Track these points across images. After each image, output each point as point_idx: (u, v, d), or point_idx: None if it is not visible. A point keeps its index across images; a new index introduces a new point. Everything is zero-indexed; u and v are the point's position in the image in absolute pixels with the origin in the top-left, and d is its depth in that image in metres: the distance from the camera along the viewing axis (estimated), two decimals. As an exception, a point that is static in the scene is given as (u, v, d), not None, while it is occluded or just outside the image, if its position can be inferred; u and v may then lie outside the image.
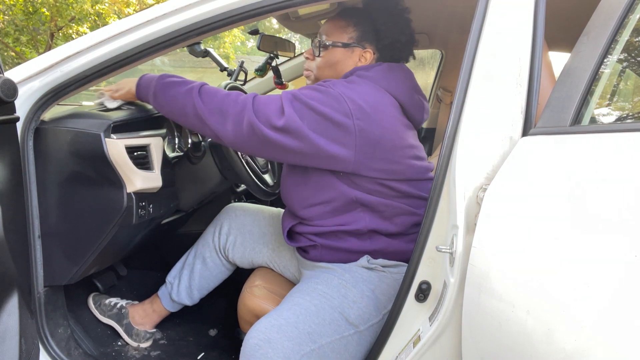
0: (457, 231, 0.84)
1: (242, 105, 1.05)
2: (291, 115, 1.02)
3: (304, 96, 1.05)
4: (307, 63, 1.27)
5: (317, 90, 1.07)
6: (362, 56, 1.21)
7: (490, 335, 0.75)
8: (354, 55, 1.21)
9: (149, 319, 1.51)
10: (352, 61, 1.21)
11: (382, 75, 1.14)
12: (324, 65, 1.23)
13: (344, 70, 1.21)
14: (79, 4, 9.35)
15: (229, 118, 1.06)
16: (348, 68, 1.21)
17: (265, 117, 1.03)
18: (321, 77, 1.24)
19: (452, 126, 0.92)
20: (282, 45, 2.07)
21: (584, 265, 0.61)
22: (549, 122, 0.81)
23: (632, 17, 0.77)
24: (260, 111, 1.04)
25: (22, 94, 1.05)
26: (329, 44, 1.21)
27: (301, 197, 1.17)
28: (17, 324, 0.96)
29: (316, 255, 1.20)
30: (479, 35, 0.91)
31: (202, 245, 1.48)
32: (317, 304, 1.06)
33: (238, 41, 18.75)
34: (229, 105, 1.06)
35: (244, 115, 1.04)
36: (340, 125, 1.03)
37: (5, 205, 0.98)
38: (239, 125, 1.05)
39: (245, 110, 1.04)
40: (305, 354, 1.00)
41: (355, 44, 1.20)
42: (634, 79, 0.94)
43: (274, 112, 1.03)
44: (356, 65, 1.21)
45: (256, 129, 1.03)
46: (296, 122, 1.02)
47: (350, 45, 1.20)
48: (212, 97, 1.09)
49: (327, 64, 1.23)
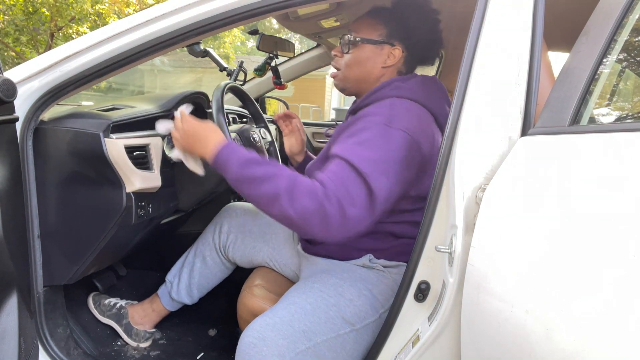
0: (456, 231, 0.84)
1: (338, 204, 0.95)
2: (380, 189, 0.97)
3: (377, 160, 0.98)
4: (335, 61, 1.24)
5: (379, 139, 1.01)
6: (391, 53, 1.18)
7: (489, 335, 0.75)
8: (383, 52, 1.19)
9: (149, 318, 1.52)
10: (381, 59, 1.19)
11: (418, 88, 1.14)
12: (353, 63, 1.20)
13: (373, 68, 1.19)
14: (79, 4, 9.36)
15: (329, 220, 0.95)
16: (377, 66, 1.19)
17: (361, 203, 0.96)
18: (349, 76, 1.22)
19: (451, 126, 0.92)
20: (281, 45, 2.07)
21: (584, 265, 0.61)
22: (548, 122, 0.81)
23: (631, 17, 0.77)
24: (355, 202, 0.95)
25: (21, 94, 1.05)
26: (358, 40, 1.19)
27: None
28: (16, 323, 0.96)
29: (321, 249, 1.21)
30: (478, 35, 0.91)
31: (202, 244, 1.48)
32: (312, 302, 1.06)
33: (238, 41, 18.75)
34: (325, 206, 0.95)
35: (344, 212, 0.95)
36: (414, 158, 1.03)
37: (4, 205, 0.98)
38: (342, 221, 0.96)
39: (342, 206, 0.95)
40: (300, 352, 1.00)
41: (384, 41, 1.18)
42: (633, 78, 0.94)
43: (366, 197, 0.96)
44: (384, 64, 1.19)
45: (359, 218, 0.96)
46: (385, 189, 0.98)
47: (379, 43, 1.18)
48: (303, 201, 0.95)
49: (355, 61, 1.20)
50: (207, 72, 14.52)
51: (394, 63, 1.19)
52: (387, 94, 1.13)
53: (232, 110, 1.95)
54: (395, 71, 1.21)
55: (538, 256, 0.68)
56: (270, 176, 0.98)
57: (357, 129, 1.05)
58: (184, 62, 15.19)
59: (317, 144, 2.77)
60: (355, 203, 0.95)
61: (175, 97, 1.44)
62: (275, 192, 0.96)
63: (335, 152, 1.02)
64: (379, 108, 1.09)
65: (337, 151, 1.02)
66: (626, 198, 0.59)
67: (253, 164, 1.01)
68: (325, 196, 0.94)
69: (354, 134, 1.05)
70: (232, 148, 1.05)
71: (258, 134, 1.67)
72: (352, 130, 1.06)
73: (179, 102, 1.44)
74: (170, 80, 15.96)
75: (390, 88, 1.14)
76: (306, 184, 0.97)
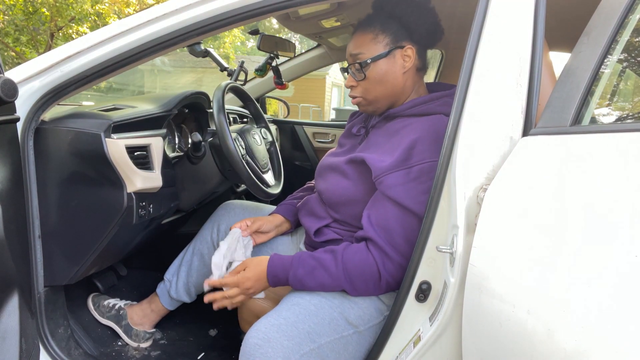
0: (458, 231, 0.84)
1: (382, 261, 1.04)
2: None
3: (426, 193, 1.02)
4: (352, 91, 1.19)
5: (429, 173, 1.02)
6: (405, 55, 1.14)
7: (490, 335, 0.75)
8: (397, 58, 1.14)
9: (148, 319, 1.51)
10: (399, 65, 1.14)
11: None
12: (373, 84, 1.15)
13: (395, 79, 1.14)
14: (79, 4, 9.36)
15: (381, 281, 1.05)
16: (397, 75, 1.14)
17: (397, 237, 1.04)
18: (376, 98, 1.17)
19: (452, 126, 0.92)
20: (282, 45, 2.07)
21: (585, 265, 0.61)
22: (550, 122, 0.81)
23: (633, 17, 0.77)
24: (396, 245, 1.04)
25: (22, 94, 1.05)
26: (369, 61, 1.13)
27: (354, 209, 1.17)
28: (17, 323, 0.96)
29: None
30: (479, 35, 0.91)
31: (200, 242, 1.47)
32: (316, 303, 1.06)
33: (238, 41, 18.76)
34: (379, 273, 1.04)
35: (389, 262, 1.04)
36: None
37: (5, 205, 0.98)
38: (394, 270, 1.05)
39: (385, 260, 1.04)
40: (304, 354, 1.00)
41: (393, 47, 1.13)
42: (634, 79, 0.94)
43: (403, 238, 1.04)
44: (404, 69, 1.14)
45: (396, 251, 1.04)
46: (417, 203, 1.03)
47: (389, 52, 1.13)
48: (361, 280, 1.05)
49: (375, 81, 1.14)
50: (208, 72, 14.52)
51: (412, 64, 1.15)
52: (435, 109, 1.11)
53: (233, 110, 1.95)
54: (415, 69, 1.17)
55: (539, 256, 0.68)
56: (313, 271, 1.07)
57: (417, 167, 1.04)
58: (185, 62, 15.19)
59: (317, 144, 2.77)
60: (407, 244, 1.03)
61: (175, 97, 1.44)
62: (335, 286, 1.07)
63: (396, 199, 1.03)
64: (433, 133, 1.05)
65: (399, 198, 1.03)
66: (628, 198, 0.59)
67: (298, 266, 1.09)
68: (382, 261, 1.04)
69: (414, 176, 1.03)
70: (274, 268, 1.11)
71: (259, 134, 1.67)
72: (412, 167, 1.04)
73: (179, 102, 1.44)
74: (170, 80, 15.96)
75: (439, 104, 1.11)
76: (363, 269, 1.05)
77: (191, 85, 15.16)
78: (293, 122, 2.81)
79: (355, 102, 1.20)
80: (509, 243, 0.74)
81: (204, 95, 1.65)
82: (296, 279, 1.08)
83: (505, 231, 0.75)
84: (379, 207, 1.06)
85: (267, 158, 1.64)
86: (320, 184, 1.25)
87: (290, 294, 1.13)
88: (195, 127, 1.73)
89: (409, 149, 1.04)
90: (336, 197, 1.17)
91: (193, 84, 15.38)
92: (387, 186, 1.03)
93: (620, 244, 0.58)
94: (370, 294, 1.08)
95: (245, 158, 1.46)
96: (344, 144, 1.31)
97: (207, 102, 1.69)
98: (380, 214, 1.05)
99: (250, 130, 1.59)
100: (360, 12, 1.79)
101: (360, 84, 1.17)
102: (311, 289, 1.08)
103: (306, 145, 2.77)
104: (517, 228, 0.74)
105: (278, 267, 1.10)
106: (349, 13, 1.80)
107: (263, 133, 1.73)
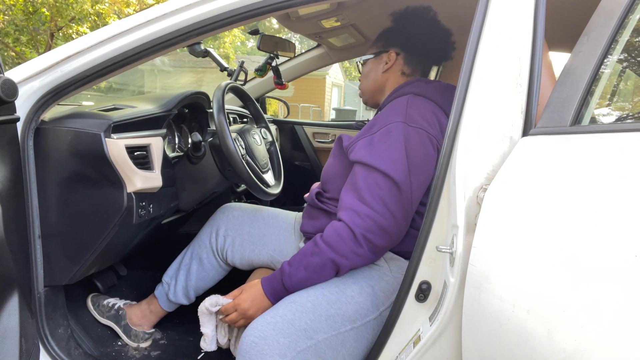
0: (458, 231, 0.84)
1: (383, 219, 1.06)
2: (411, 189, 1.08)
3: (402, 161, 1.08)
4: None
5: (399, 139, 1.09)
6: (388, 58, 1.32)
7: (490, 335, 0.75)
8: (381, 60, 1.34)
9: (147, 319, 1.51)
10: (380, 66, 1.34)
11: (437, 91, 1.20)
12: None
13: (376, 76, 1.35)
14: (79, 4, 9.36)
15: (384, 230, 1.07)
16: (378, 73, 1.35)
17: (396, 208, 1.07)
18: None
19: (452, 126, 0.92)
20: (282, 46, 2.07)
21: (585, 265, 0.61)
22: (549, 122, 0.81)
23: (632, 18, 0.77)
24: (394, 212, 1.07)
25: (22, 94, 1.05)
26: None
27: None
28: (17, 323, 0.96)
29: None
30: (479, 35, 0.91)
31: (199, 246, 1.47)
32: (313, 300, 1.06)
33: (238, 41, 18.76)
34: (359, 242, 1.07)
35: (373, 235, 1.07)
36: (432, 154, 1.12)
37: (5, 205, 0.98)
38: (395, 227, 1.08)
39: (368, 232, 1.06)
40: (301, 351, 1.00)
41: (379, 51, 1.34)
42: (634, 79, 0.94)
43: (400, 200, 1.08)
44: (383, 69, 1.33)
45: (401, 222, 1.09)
46: (417, 187, 1.10)
47: (376, 54, 1.35)
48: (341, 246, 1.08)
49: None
50: (208, 72, 14.53)
51: (391, 65, 1.32)
52: (407, 90, 1.21)
53: (232, 110, 1.95)
54: (399, 72, 1.33)
55: (539, 256, 0.68)
56: (309, 260, 1.09)
57: (380, 130, 1.13)
58: (185, 62, 15.19)
59: (317, 144, 2.77)
60: (394, 213, 1.07)
61: (175, 97, 1.44)
62: (325, 262, 1.08)
63: (361, 159, 1.10)
64: (397, 105, 1.16)
65: (363, 158, 1.10)
66: (628, 198, 0.59)
67: (290, 269, 1.11)
68: (362, 225, 1.06)
69: (377, 139, 1.12)
70: (268, 280, 1.14)
71: (259, 134, 1.67)
72: (375, 132, 1.14)
73: (179, 102, 1.44)
74: (170, 80, 15.96)
75: (412, 86, 1.22)
76: (338, 233, 1.08)
77: (191, 85, 15.17)
78: (293, 122, 2.81)
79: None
80: (508, 243, 0.74)
81: (204, 95, 1.65)
82: (291, 277, 1.10)
83: (505, 231, 0.75)
84: (350, 175, 1.14)
85: (267, 158, 1.64)
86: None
87: (289, 293, 1.13)
88: (195, 127, 1.73)
89: (374, 120, 1.17)
90: (325, 176, 1.29)
91: (193, 84, 15.39)
92: (353, 152, 1.14)
93: (620, 244, 0.58)
94: (360, 257, 1.07)
95: (245, 158, 1.46)
96: None
97: (207, 102, 1.69)
98: (350, 180, 1.14)
99: (250, 130, 1.59)
100: (360, 12, 1.79)
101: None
102: (310, 280, 1.10)
103: (306, 145, 2.77)
104: (517, 228, 0.74)
105: (270, 279, 1.14)
106: (349, 13, 1.80)
107: (263, 133, 1.73)
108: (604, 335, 0.57)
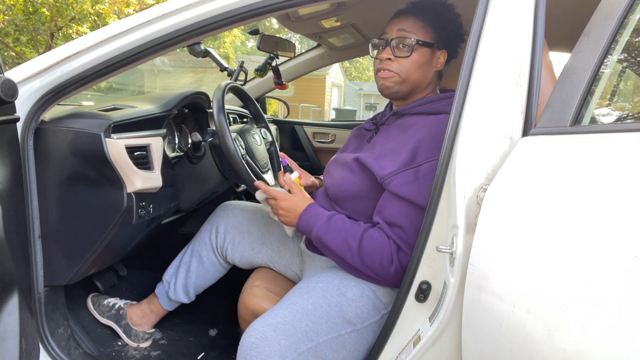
0: (457, 231, 0.84)
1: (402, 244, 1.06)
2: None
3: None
4: (386, 65, 1.16)
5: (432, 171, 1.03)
6: (440, 57, 1.19)
7: (490, 335, 0.75)
8: (435, 56, 1.18)
9: (147, 319, 1.51)
10: (433, 62, 1.18)
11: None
12: (413, 66, 1.15)
13: (428, 72, 1.18)
14: (79, 4, 9.36)
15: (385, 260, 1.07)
16: (431, 70, 1.18)
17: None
18: (409, 79, 1.16)
19: (452, 126, 0.92)
20: (282, 45, 2.07)
21: (585, 266, 0.61)
22: (549, 122, 0.81)
23: (632, 18, 0.77)
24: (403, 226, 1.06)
25: (22, 94, 1.05)
26: (420, 42, 1.13)
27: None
28: (17, 323, 0.96)
29: None
30: (479, 35, 0.91)
31: (199, 244, 1.47)
32: (314, 302, 1.06)
33: (238, 41, 18.76)
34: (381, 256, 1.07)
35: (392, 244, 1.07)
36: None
37: (5, 205, 0.98)
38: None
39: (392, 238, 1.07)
40: (302, 352, 1.00)
41: (435, 44, 1.16)
42: (634, 79, 0.94)
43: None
44: (436, 68, 1.19)
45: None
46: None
47: (433, 46, 1.16)
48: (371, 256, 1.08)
49: (416, 64, 1.15)
50: (208, 72, 14.53)
51: (441, 68, 1.20)
52: (442, 109, 1.13)
53: (232, 110, 1.95)
54: (438, 73, 1.23)
55: (539, 256, 0.68)
56: (341, 248, 1.09)
57: (425, 164, 1.06)
58: (185, 62, 15.19)
59: (317, 144, 2.78)
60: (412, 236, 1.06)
61: (175, 97, 1.44)
62: (347, 259, 1.09)
63: (408, 197, 1.05)
64: (439, 130, 1.06)
65: (410, 197, 1.05)
66: (628, 198, 0.59)
67: (328, 225, 1.12)
68: (395, 246, 1.07)
69: (423, 174, 1.06)
70: (308, 214, 1.15)
71: (259, 134, 1.67)
72: (420, 164, 1.07)
73: (179, 102, 1.44)
74: (170, 80, 15.96)
75: (446, 103, 1.13)
76: (381, 256, 1.07)
77: (191, 85, 15.17)
78: (293, 122, 2.81)
79: (387, 75, 1.16)
80: (508, 243, 0.74)
81: (204, 95, 1.65)
82: (320, 236, 1.11)
83: (505, 231, 0.75)
84: (390, 206, 1.08)
85: (267, 158, 1.64)
86: (327, 180, 1.27)
87: (289, 293, 1.13)
88: (195, 127, 1.73)
89: (415, 148, 1.07)
90: (341, 192, 1.19)
91: (193, 84, 15.39)
92: (397, 185, 1.06)
93: (620, 244, 0.58)
94: (375, 274, 1.07)
95: (245, 158, 1.46)
96: (353, 142, 1.35)
97: (207, 102, 1.69)
98: (391, 213, 1.07)
99: (250, 130, 1.59)
100: (360, 12, 1.79)
101: (399, 61, 1.15)
102: (326, 250, 1.12)
103: (306, 145, 2.77)
104: (517, 228, 0.74)
105: (309, 217, 1.14)
106: (349, 13, 1.80)
107: (263, 133, 1.73)
108: (604, 335, 0.57)
